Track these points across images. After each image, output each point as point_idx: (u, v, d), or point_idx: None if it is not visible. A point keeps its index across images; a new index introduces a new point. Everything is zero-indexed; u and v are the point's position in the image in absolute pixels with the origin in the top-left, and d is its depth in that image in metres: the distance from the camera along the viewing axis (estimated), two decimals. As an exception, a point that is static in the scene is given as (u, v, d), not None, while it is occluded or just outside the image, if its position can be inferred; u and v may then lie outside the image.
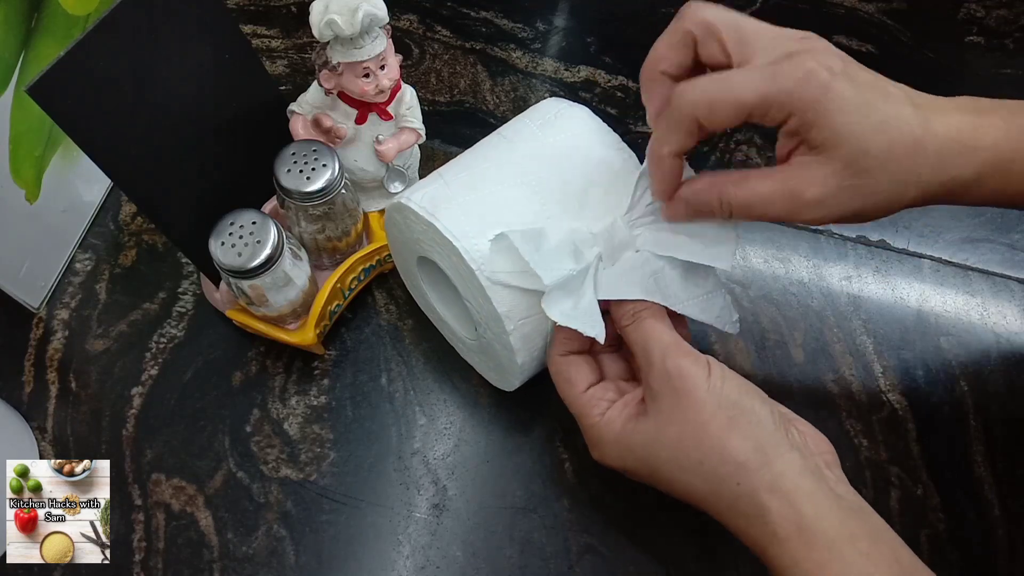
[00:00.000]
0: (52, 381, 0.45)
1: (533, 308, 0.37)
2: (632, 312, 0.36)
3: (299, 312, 0.43)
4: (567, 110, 0.41)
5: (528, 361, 0.39)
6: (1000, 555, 0.43)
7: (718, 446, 0.32)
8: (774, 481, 0.31)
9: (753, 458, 0.32)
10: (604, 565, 0.42)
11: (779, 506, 0.31)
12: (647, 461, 0.34)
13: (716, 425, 0.32)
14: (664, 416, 0.33)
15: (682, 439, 0.33)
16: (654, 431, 0.34)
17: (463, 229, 0.36)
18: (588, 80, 0.58)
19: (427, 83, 0.57)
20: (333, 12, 0.36)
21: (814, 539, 0.30)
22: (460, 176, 0.39)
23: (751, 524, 0.32)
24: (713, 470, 0.32)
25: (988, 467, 0.45)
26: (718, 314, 0.38)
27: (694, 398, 0.33)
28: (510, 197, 0.38)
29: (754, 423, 0.32)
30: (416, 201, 0.38)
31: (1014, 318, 0.51)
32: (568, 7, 0.61)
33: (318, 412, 0.45)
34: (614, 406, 0.36)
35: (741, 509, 0.32)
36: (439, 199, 0.38)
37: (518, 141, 0.40)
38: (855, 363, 0.48)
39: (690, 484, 0.33)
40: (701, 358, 0.34)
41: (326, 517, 0.42)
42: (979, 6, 0.62)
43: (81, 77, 0.33)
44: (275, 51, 0.58)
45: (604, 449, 0.36)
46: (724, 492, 0.32)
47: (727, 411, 0.32)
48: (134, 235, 0.50)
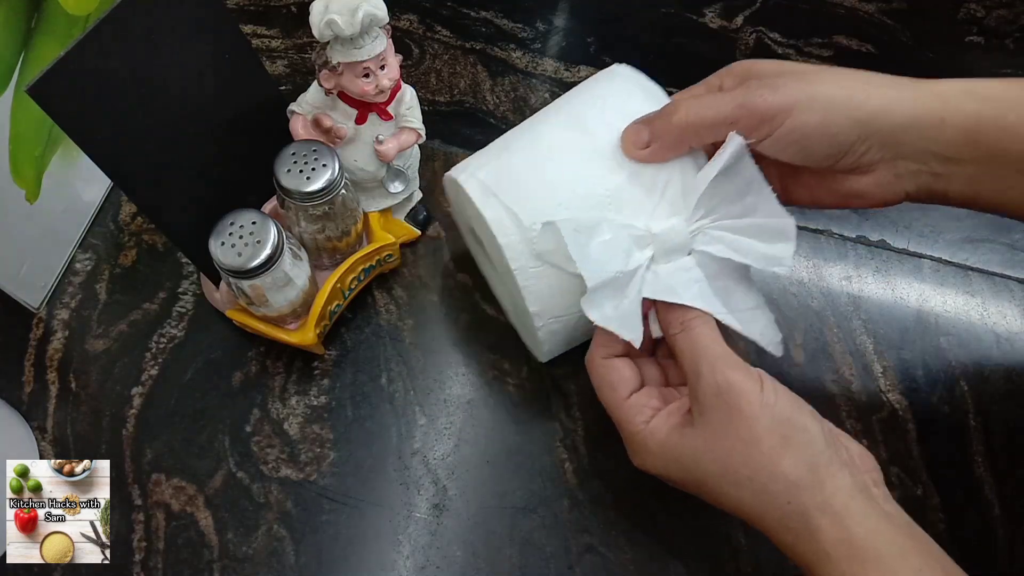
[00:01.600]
0: (52, 381, 0.45)
1: (570, 307, 0.37)
2: (681, 320, 0.35)
3: (299, 312, 0.43)
4: (634, 85, 0.39)
5: (554, 348, 0.41)
6: (1000, 555, 0.43)
7: (769, 464, 0.32)
8: (825, 501, 0.31)
9: (805, 477, 0.31)
10: (604, 565, 0.42)
11: (830, 525, 0.30)
12: (693, 473, 0.34)
13: (768, 443, 0.32)
14: (713, 430, 0.33)
15: (732, 454, 0.32)
16: (702, 444, 0.33)
17: (509, 220, 0.36)
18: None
19: (427, 83, 0.57)
20: (333, 12, 0.36)
21: (865, 557, 0.30)
22: (516, 159, 0.38)
23: (800, 541, 0.31)
24: (763, 487, 0.32)
25: (988, 467, 0.45)
26: (761, 331, 0.37)
27: (746, 414, 0.32)
28: (570, 186, 0.37)
29: (806, 442, 0.32)
30: (470, 185, 0.38)
31: (1014, 318, 0.51)
32: (568, 7, 0.61)
33: (318, 412, 0.45)
34: (659, 415, 0.36)
35: (790, 526, 0.32)
36: (493, 183, 0.37)
37: (583, 121, 0.39)
38: (855, 363, 0.48)
39: (739, 498, 0.33)
40: (753, 372, 0.33)
41: (326, 517, 0.42)
42: (979, 6, 0.62)
43: (81, 77, 0.33)
44: (275, 51, 0.58)
45: (647, 458, 0.36)
46: (774, 509, 0.32)
47: (780, 429, 0.32)
48: (134, 235, 0.50)
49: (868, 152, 0.35)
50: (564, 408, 0.46)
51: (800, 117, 0.34)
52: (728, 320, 0.36)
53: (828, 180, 0.38)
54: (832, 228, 0.53)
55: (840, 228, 0.54)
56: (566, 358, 0.47)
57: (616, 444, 0.45)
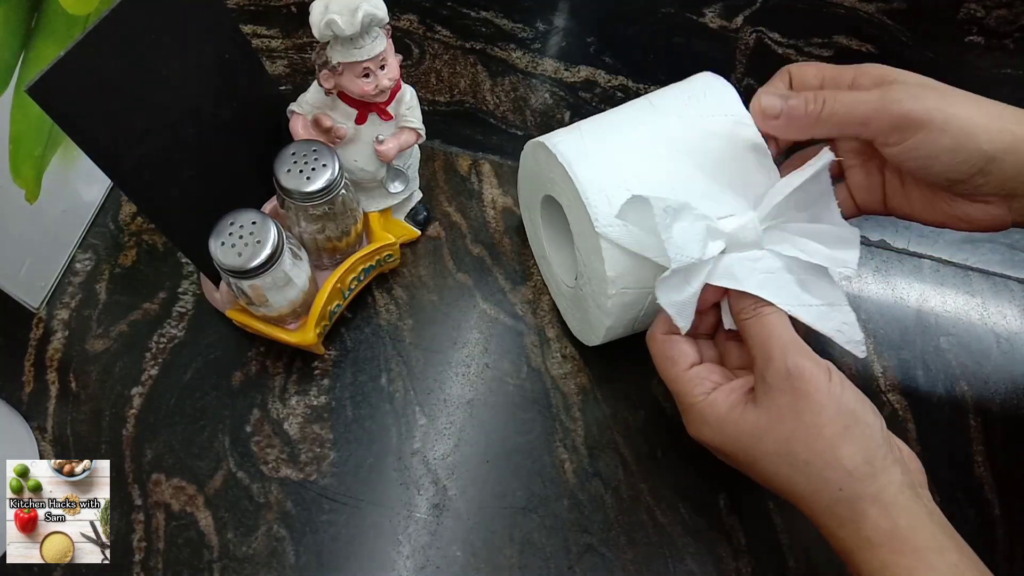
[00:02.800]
0: (52, 381, 0.45)
1: (641, 282, 0.38)
2: (754, 307, 0.36)
3: (299, 312, 0.43)
4: (720, 90, 0.41)
5: (615, 326, 0.41)
6: (1000, 555, 0.43)
7: (829, 451, 0.33)
8: (877, 492, 0.32)
9: (861, 468, 0.32)
10: (604, 565, 0.42)
11: (877, 515, 0.32)
12: (749, 451, 0.35)
13: (831, 431, 0.33)
14: (778, 411, 0.34)
15: (793, 437, 0.33)
16: (765, 424, 0.34)
17: (598, 185, 0.38)
18: (588, 80, 0.58)
19: (427, 83, 0.57)
20: (333, 12, 0.36)
21: (904, 547, 0.31)
22: (606, 135, 0.40)
23: (844, 527, 0.33)
24: (819, 472, 0.33)
25: (988, 467, 0.45)
26: (839, 328, 0.37)
27: (813, 400, 0.33)
28: (652, 167, 0.38)
29: (867, 435, 0.33)
30: (560, 149, 0.39)
31: (1014, 318, 0.51)
32: (568, 7, 0.61)
33: (318, 412, 0.45)
34: (720, 388, 0.37)
35: (838, 512, 0.33)
36: (582, 151, 0.39)
37: (669, 113, 0.40)
38: (855, 363, 0.48)
39: (791, 480, 0.34)
40: (822, 362, 0.34)
41: (326, 517, 0.42)
42: (979, 6, 0.62)
43: (81, 77, 0.33)
44: (275, 51, 0.58)
45: (703, 428, 0.37)
46: (825, 495, 0.33)
47: (844, 418, 0.33)
48: (134, 235, 0.50)
49: (987, 184, 0.36)
50: (564, 408, 0.46)
51: (933, 134, 0.35)
52: (797, 312, 0.37)
53: (938, 198, 0.38)
54: (832, 228, 0.53)
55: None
56: (566, 358, 0.47)
57: (616, 444, 0.45)
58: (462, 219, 0.52)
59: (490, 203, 0.53)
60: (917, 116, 0.35)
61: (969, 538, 0.32)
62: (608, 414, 0.45)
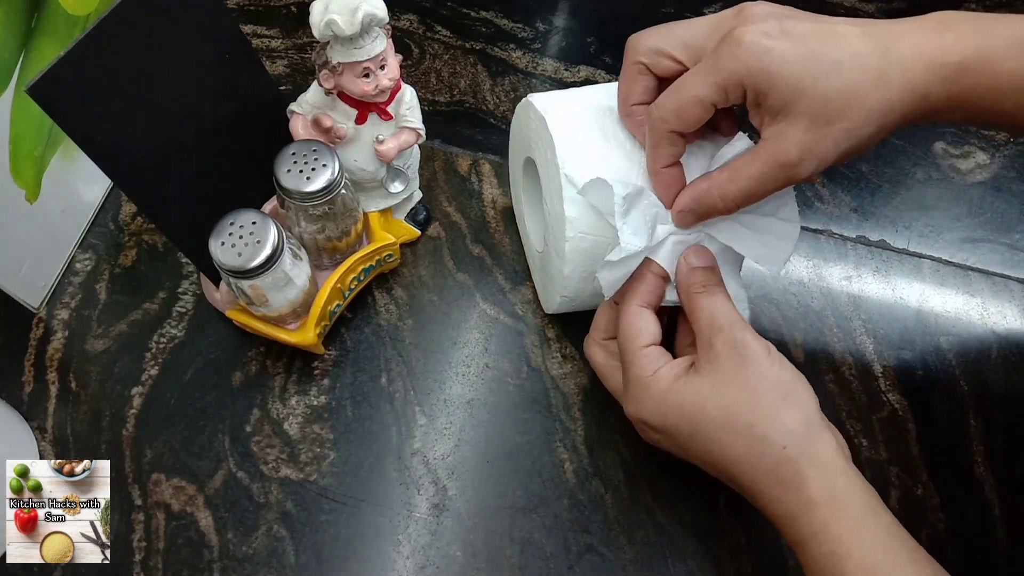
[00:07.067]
0: (52, 381, 0.45)
1: (597, 231, 0.39)
2: (703, 283, 0.38)
3: (299, 312, 0.43)
4: None
5: (572, 276, 0.41)
6: (1000, 555, 0.43)
7: (771, 413, 0.34)
8: (816, 454, 0.34)
9: (800, 429, 0.34)
10: (604, 565, 0.42)
11: (817, 476, 0.33)
12: (692, 419, 0.36)
13: (773, 395, 0.35)
14: (723, 376, 0.35)
15: (738, 401, 0.35)
16: (708, 389, 0.35)
17: (567, 133, 0.40)
18: (588, 80, 0.58)
19: (427, 83, 0.57)
20: (333, 12, 0.36)
21: (843, 509, 0.33)
22: (589, 99, 0.42)
23: (786, 491, 0.34)
24: (763, 434, 0.34)
25: (988, 467, 0.45)
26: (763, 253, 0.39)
27: (757, 366, 0.35)
28: (625, 133, 0.40)
29: (804, 402, 0.35)
30: (537, 99, 0.42)
31: (1014, 318, 0.51)
32: (568, 7, 0.61)
33: (318, 412, 0.45)
34: (665, 366, 0.38)
35: (780, 475, 0.34)
36: (559, 106, 0.41)
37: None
38: (855, 363, 0.48)
39: (731, 446, 0.35)
40: (763, 340, 0.36)
41: (326, 517, 0.42)
42: (979, 6, 0.62)
43: (81, 77, 0.33)
44: (275, 51, 0.58)
45: (644, 404, 0.37)
46: (768, 458, 0.34)
47: (783, 386, 0.35)
48: (134, 235, 0.50)
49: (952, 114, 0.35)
50: (564, 408, 0.46)
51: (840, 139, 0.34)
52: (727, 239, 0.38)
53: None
54: (832, 228, 0.54)
55: (840, 228, 0.54)
56: (566, 358, 0.47)
57: (616, 444, 0.45)
58: (462, 219, 0.52)
59: (490, 203, 0.53)
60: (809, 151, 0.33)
61: (969, 538, 0.32)
62: (608, 414, 0.45)
